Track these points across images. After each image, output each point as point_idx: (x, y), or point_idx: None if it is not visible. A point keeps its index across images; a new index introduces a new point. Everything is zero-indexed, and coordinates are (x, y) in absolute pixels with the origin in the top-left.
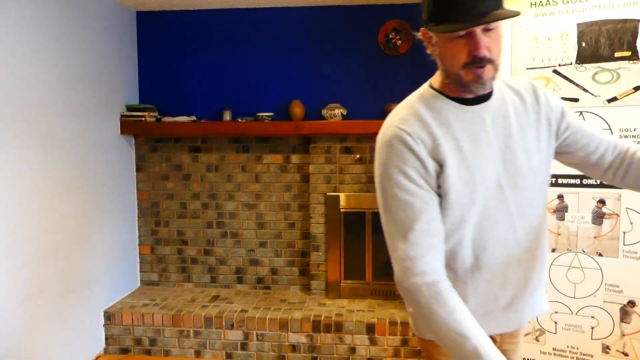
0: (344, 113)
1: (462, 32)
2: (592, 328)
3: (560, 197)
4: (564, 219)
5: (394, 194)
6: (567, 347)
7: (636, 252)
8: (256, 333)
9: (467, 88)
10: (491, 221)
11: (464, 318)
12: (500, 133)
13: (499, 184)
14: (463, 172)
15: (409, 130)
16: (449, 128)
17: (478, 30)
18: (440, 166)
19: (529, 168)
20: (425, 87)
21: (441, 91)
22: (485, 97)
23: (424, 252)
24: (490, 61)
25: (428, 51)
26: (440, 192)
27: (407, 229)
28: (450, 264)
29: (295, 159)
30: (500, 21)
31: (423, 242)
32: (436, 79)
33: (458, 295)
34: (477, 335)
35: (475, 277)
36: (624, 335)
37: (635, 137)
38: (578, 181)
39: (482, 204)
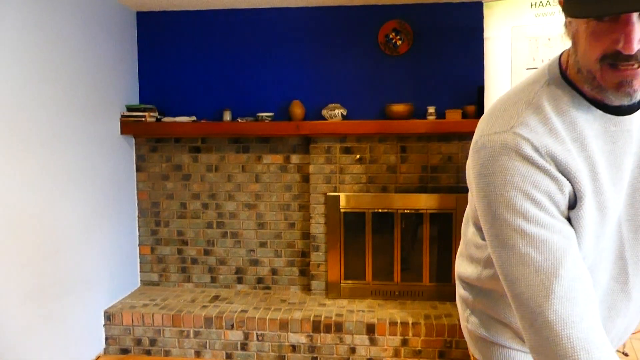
0: (344, 113)
1: (611, 18)
2: None
3: None
4: None
5: (521, 231)
6: None
7: None
8: (256, 333)
9: (604, 93)
10: (603, 255)
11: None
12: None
13: (618, 221)
14: (594, 208)
15: (534, 139)
16: (585, 145)
17: (635, 15)
18: (576, 198)
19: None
20: (554, 69)
21: (576, 86)
22: (634, 108)
23: (580, 311)
24: None
25: (563, 26)
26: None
27: (550, 279)
28: None
29: (295, 159)
30: None
31: (576, 295)
32: (569, 62)
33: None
34: None
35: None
36: None
37: None
38: None
39: (604, 232)
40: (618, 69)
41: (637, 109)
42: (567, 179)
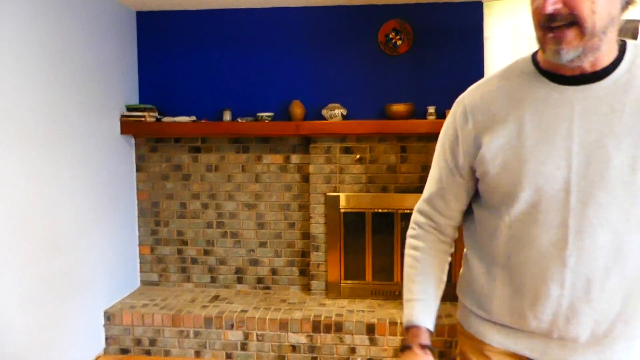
0: (344, 113)
1: None
2: None
3: None
4: None
5: (435, 156)
6: None
7: None
8: (256, 333)
9: (550, 59)
10: (537, 226)
11: (415, 277)
12: (595, 128)
13: (566, 188)
14: (510, 158)
15: (468, 103)
16: (519, 107)
17: None
18: (471, 140)
19: (622, 183)
20: (528, 54)
21: (537, 61)
22: (596, 77)
23: (427, 210)
24: (571, 21)
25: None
26: (477, 175)
27: (427, 188)
28: (488, 251)
29: (295, 159)
30: None
31: (432, 205)
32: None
33: (442, 258)
34: (416, 293)
35: (503, 280)
36: None
37: None
38: None
39: (531, 202)
40: (551, 31)
41: (590, 82)
42: (485, 130)
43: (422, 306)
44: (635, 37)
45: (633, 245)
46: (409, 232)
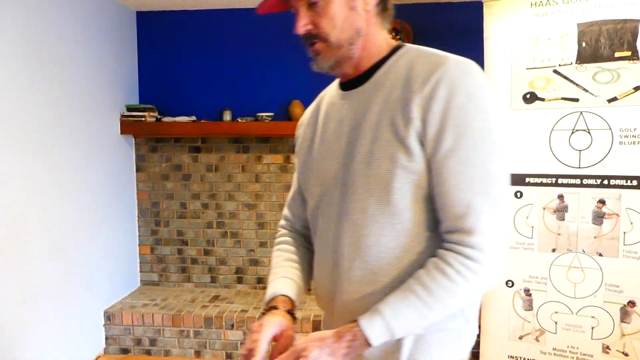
0: None
1: (292, 10)
2: (592, 328)
3: (561, 197)
4: (564, 219)
5: None
6: (567, 347)
7: (636, 252)
8: None
9: (315, 70)
10: (320, 218)
11: (278, 263)
12: (354, 126)
13: (335, 182)
14: (308, 159)
15: (301, 119)
16: (319, 114)
17: (299, 5)
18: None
19: (361, 177)
20: None
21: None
22: (360, 80)
23: (286, 214)
24: (318, 37)
25: None
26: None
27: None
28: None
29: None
30: None
31: (289, 209)
32: None
33: (295, 249)
34: (275, 278)
35: (315, 269)
36: (624, 335)
37: (635, 136)
38: (578, 181)
39: (319, 194)
40: (310, 47)
41: (361, 84)
42: (300, 137)
43: (283, 281)
44: (634, 37)
45: (370, 238)
46: (276, 238)
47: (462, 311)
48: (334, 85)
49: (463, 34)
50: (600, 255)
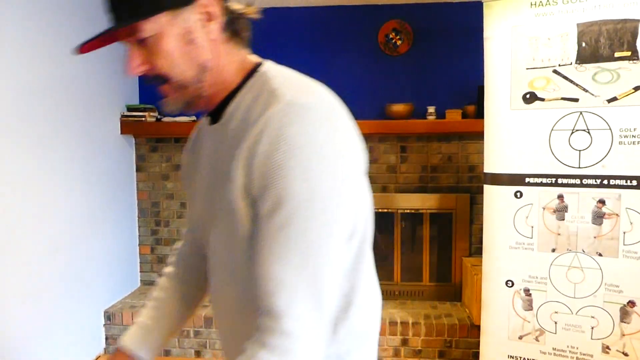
0: None
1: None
2: (592, 328)
3: (560, 197)
4: (563, 219)
5: None
6: (567, 347)
7: (636, 252)
8: None
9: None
10: (208, 262)
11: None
12: (210, 162)
13: (210, 220)
14: (192, 189)
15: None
16: (196, 142)
17: (128, 44)
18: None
19: (209, 215)
20: None
21: None
22: (216, 116)
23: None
24: (162, 79)
25: None
26: None
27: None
28: None
29: None
30: (152, 25)
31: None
32: None
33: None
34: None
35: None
36: (624, 335)
37: (635, 137)
38: (578, 181)
39: (195, 223)
40: (156, 87)
41: (218, 120)
42: (187, 167)
43: (141, 330)
44: (634, 37)
45: (217, 276)
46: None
47: None
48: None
49: (463, 34)
50: (600, 255)
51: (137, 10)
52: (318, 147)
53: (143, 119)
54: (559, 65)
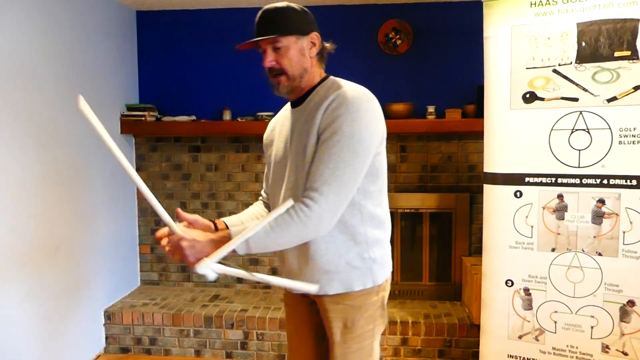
0: None
1: (260, 50)
2: (592, 327)
3: (560, 196)
4: (563, 219)
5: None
6: (567, 346)
7: (636, 252)
8: (256, 332)
9: (276, 94)
10: (275, 198)
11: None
12: (295, 134)
13: (283, 175)
14: (273, 148)
15: (270, 123)
16: (276, 123)
17: (267, 48)
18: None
19: (294, 169)
20: None
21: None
22: (300, 101)
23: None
24: (282, 72)
25: None
26: None
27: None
28: None
29: None
30: (286, 40)
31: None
32: None
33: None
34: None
35: None
36: (623, 334)
37: (635, 136)
38: (578, 181)
39: (272, 184)
40: (271, 77)
41: (301, 104)
42: (264, 142)
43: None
44: (634, 37)
45: (292, 186)
46: None
47: (363, 256)
48: (287, 105)
49: (463, 34)
50: (600, 254)
51: (280, 30)
52: (359, 113)
53: (143, 118)
54: (559, 64)
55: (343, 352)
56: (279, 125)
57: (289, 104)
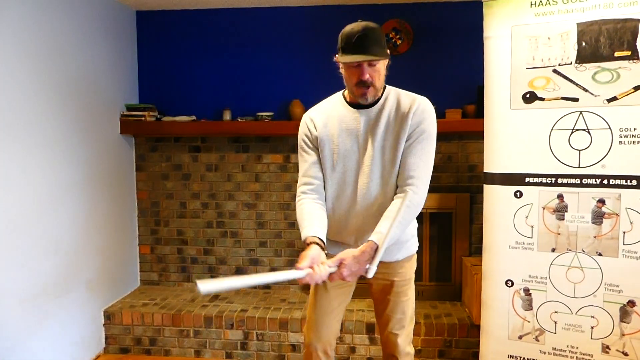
0: None
1: (354, 64)
2: (592, 328)
3: (560, 196)
4: (563, 219)
5: (299, 150)
6: (567, 346)
7: (636, 252)
8: (256, 333)
9: (357, 98)
10: (345, 184)
11: (305, 219)
12: (367, 130)
13: (358, 162)
14: (329, 146)
15: (312, 115)
16: (330, 119)
17: (364, 64)
18: (316, 139)
19: (379, 158)
20: (340, 92)
21: (344, 96)
22: (370, 105)
23: (302, 184)
24: (372, 84)
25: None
26: (318, 154)
27: (301, 171)
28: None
29: (295, 158)
30: (380, 60)
31: (310, 175)
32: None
33: (319, 207)
34: (306, 229)
35: (333, 212)
36: (623, 335)
37: (635, 136)
38: (578, 181)
39: (342, 170)
40: (361, 87)
41: (367, 107)
42: (318, 135)
43: (310, 228)
44: (634, 37)
45: (373, 187)
46: (301, 199)
47: (413, 229)
48: (340, 105)
49: (463, 34)
50: (600, 255)
51: (384, 54)
52: (434, 117)
53: (143, 118)
54: (559, 64)
55: (407, 300)
56: (337, 122)
57: (340, 102)
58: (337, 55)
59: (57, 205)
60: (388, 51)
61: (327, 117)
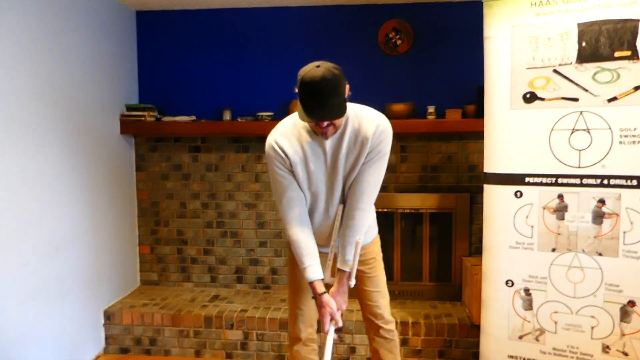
0: None
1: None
2: (592, 328)
3: (560, 197)
4: (563, 219)
5: (272, 173)
6: (567, 346)
7: (636, 252)
8: (256, 333)
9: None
10: (318, 201)
11: (303, 252)
12: (333, 153)
13: (326, 182)
14: (302, 168)
15: (279, 141)
16: (297, 144)
17: (327, 122)
18: (289, 163)
19: (342, 177)
20: (301, 122)
21: (308, 127)
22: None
23: (289, 207)
24: (332, 125)
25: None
26: (293, 175)
27: (279, 193)
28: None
29: None
30: (339, 119)
31: (290, 203)
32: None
33: (311, 238)
34: (306, 262)
35: (313, 223)
36: (624, 335)
37: (635, 136)
38: (578, 181)
39: (314, 192)
40: (322, 129)
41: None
42: (290, 159)
43: (313, 268)
44: (634, 37)
45: (337, 205)
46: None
47: (374, 219)
48: (303, 130)
49: (463, 34)
50: (600, 255)
51: (343, 112)
52: (390, 137)
53: (143, 118)
54: (559, 65)
55: (377, 276)
56: (305, 145)
57: (302, 126)
58: (297, 101)
59: (57, 205)
60: (347, 94)
61: (296, 141)
